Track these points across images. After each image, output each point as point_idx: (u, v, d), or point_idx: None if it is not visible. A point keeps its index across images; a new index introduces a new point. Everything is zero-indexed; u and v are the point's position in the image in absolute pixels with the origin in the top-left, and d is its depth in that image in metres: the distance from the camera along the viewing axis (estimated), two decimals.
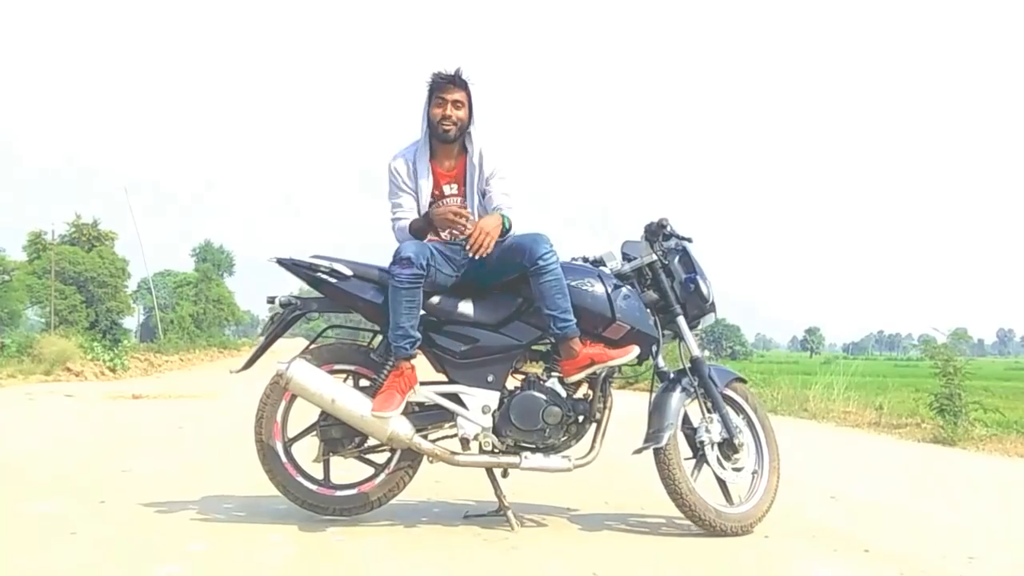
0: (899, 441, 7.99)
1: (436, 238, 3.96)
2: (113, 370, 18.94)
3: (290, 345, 4.44)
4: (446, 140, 3.92)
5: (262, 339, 3.95)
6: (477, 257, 3.76)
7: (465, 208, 3.91)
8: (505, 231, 3.83)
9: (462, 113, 3.91)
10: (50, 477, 4.98)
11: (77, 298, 44.89)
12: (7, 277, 45.07)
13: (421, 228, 3.91)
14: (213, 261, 63.95)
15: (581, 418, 3.89)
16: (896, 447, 7.61)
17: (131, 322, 60.80)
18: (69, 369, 16.99)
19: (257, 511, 4.06)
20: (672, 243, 4.14)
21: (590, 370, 3.82)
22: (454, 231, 3.94)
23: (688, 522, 3.91)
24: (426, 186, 3.94)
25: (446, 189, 3.99)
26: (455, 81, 3.90)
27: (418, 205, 3.96)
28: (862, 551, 3.65)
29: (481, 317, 3.86)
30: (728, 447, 3.92)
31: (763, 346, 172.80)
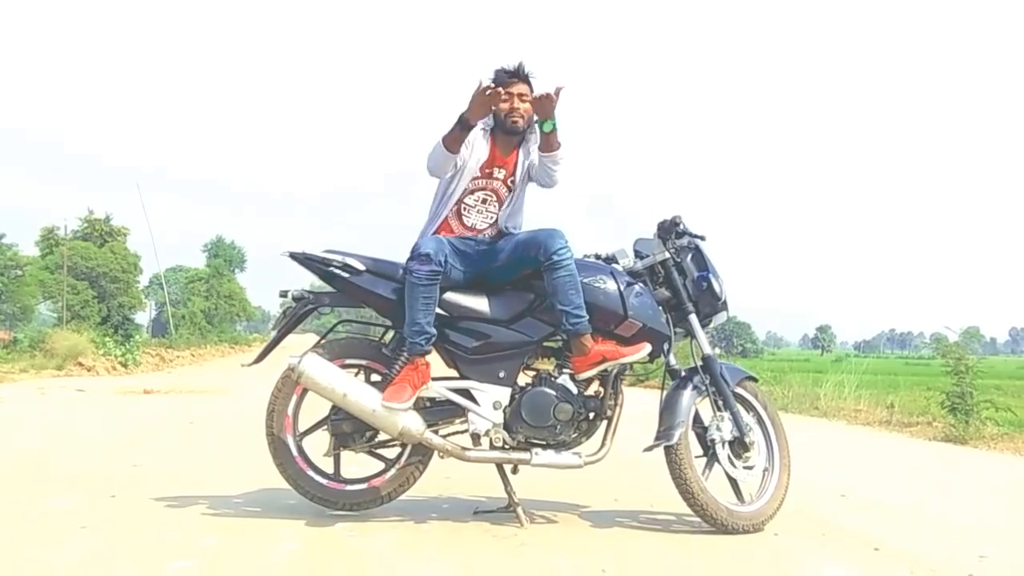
0: (910, 439, 7.97)
1: (449, 232, 3.96)
2: (125, 365, 19.07)
3: (301, 340, 4.45)
4: (515, 132, 3.94)
5: (274, 333, 3.96)
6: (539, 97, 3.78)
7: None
8: (552, 127, 3.85)
9: (528, 105, 3.92)
10: (61, 472, 5.01)
11: (89, 293, 45.08)
12: (20, 272, 45.28)
13: (452, 133, 3.82)
14: (225, 257, 64.16)
15: (592, 415, 3.88)
16: (907, 445, 7.59)
17: (143, 317, 61.25)
18: (81, 364, 17.12)
19: (268, 506, 4.07)
20: (685, 241, 4.14)
21: (601, 367, 3.82)
22: (482, 202, 3.96)
23: (697, 520, 3.90)
24: (477, 155, 3.91)
25: (495, 172, 3.98)
26: (518, 74, 3.94)
27: (464, 169, 3.91)
28: (872, 549, 3.64)
29: (493, 313, 3.86)
30: (739, 445, 3.92)
31: (774, 344, 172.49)
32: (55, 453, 5.78)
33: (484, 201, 3.99)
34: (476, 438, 3.86)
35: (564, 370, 3.89)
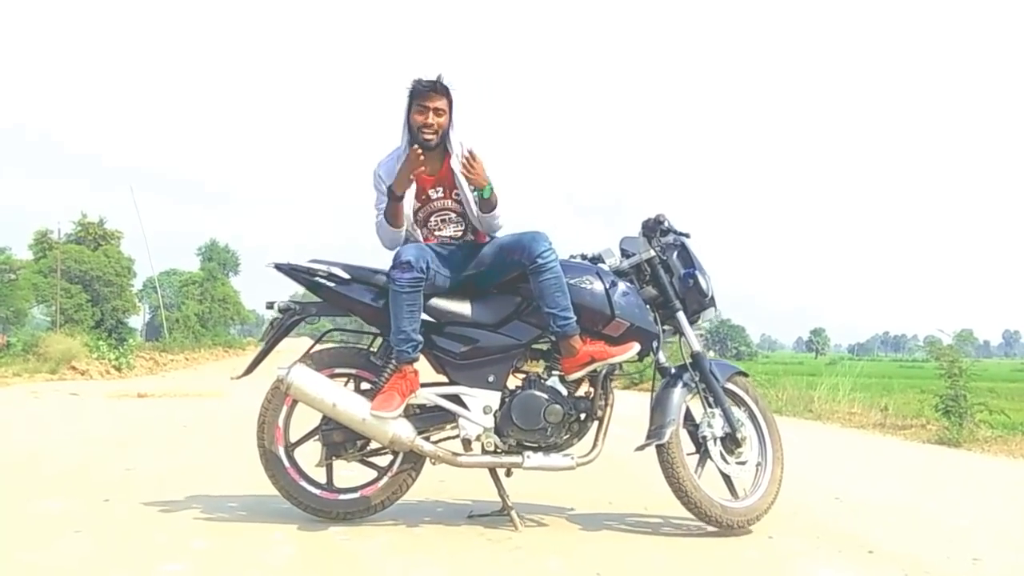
0: (904, 442, 7.97)
1: (432, 239, 3.96)
2: (118, 369, 19.00)
3: (295, 344, 4.44)
4: (427, 147, 3.86)
5: (262, 345, 3.96)
6: (462, 171, 3.76)
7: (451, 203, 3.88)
8: (487, 194, 3.81)
9: (443, 120, 3.88)
10: (55, 475, 4.99)
11: (83, 297, 45.01)
12: (13, 276, 45.16)
13: (389, 208, 3.84)
14: (219, 260, 64.00)
15: (583, 416, 3.88)
16: (901, 448, 7.60)
17: (136, 321, 60.94)
18: (74, 368, 17.06)
19: (260, 510, 4.06)
20: (670, 238, 4.14)
21: (591, 368, 3.82)
22: (442, 221, 3.96)
23: (691, 521, 3.90)
24: (408, 193, 3.89)
25: (432, 193, 3.96)
26: (436, 88, 3.86)
27: (402, 212, 3.91)
28: (866, 552, 3.64)
29: (480, 317, 3.86)
30: (731, 441, 3.92)
31: (768, 347, 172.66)
32: (48, 456, 5.76)
33: (444, 220, 3.99)
34: (467, 443, 3.86)
35: (553, 372, 3.89)
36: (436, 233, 3.98)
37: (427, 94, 3.86)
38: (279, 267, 3.88)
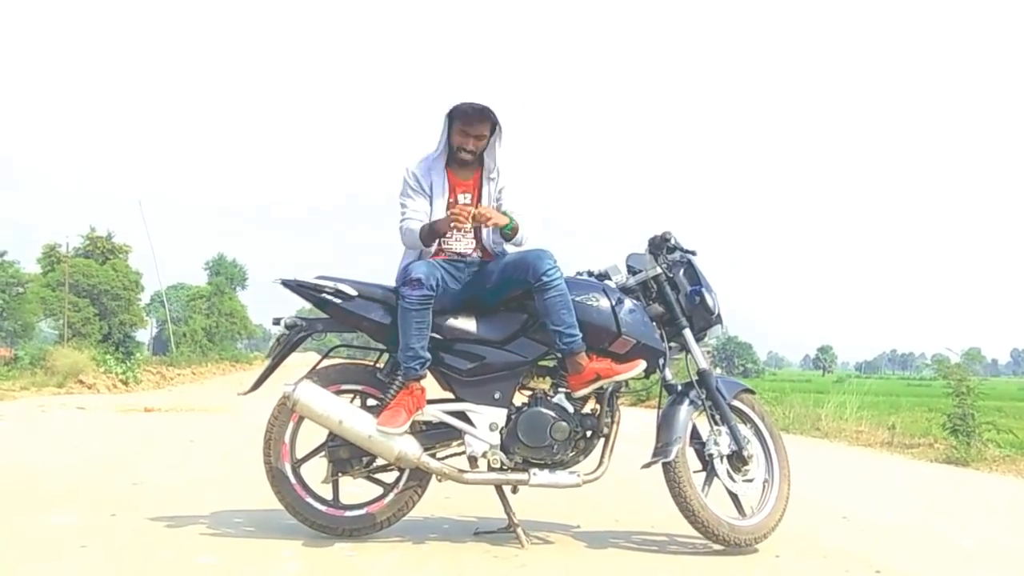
0: (912, 461, 7.95)
1: (441, 254, 3.98)
2: (125, 383, 19.04)
3: (302, 360, 4.45)
4: (463, 164, 3.99)
5: (268, 361, 3.97)
6: (473, 223, 3.82)
7: (467, 208, 3.86)
8: (509, 229, 3.86)
9: (482, 143, 3.96)
10: (61, 489, 5.00)
11: (91, 311, 45.11)
12: (21, 289, 45.34)
13: (428, 235, 3.91)
14: (226, 275, 64.25)
15: (589, 433, 3.89)
16: (909, 467, 7.57)
17: (144, 335, 61.12)
18: (82, 382, 17.08)
19: (267, 526, 4.06)
20: (677, 256, 4.15)
21: (597, 385, 3.82)
22: (458, 227, 3.95)
23: (698, 539, 3.90)
24: (441, 195, 3.97)
25: (460, 198, 4.01)
26: (483, 115, 3.90)
27: (432, 212, 3.97)
28: (873, 572, 3.63)
29: (487, 334, 3.87)
30: (738, 459, 3.92)
31: (775, 364, 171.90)
32: (55, 471, 5.76)
33: (460, 229, 4.01)
34: (473, 460, 3.86)
35: (560, 389, 3.89)
36: (445, 247, 4.00)
37: (472, 121, 3.91)
38: (286, 283, 3.90)
